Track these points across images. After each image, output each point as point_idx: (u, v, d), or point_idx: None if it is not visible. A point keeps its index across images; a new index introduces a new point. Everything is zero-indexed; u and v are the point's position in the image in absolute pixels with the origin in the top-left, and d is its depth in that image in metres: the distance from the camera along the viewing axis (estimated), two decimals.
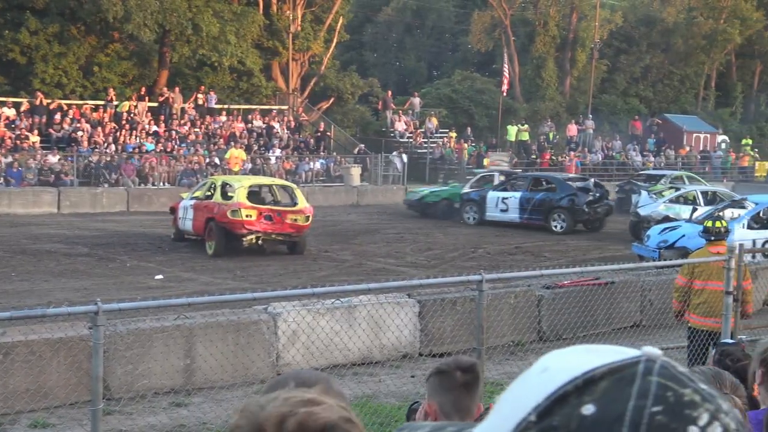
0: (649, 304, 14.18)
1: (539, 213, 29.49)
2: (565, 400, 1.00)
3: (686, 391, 1.00)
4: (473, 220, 30.51)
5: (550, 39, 58.93)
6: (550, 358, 1.10)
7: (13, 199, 30.71)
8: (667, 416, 0.97)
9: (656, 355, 1.04)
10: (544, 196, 29.78)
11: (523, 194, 29.92)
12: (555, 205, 29.43)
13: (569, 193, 29.31)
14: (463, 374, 3.51)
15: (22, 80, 41.73)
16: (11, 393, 8.78)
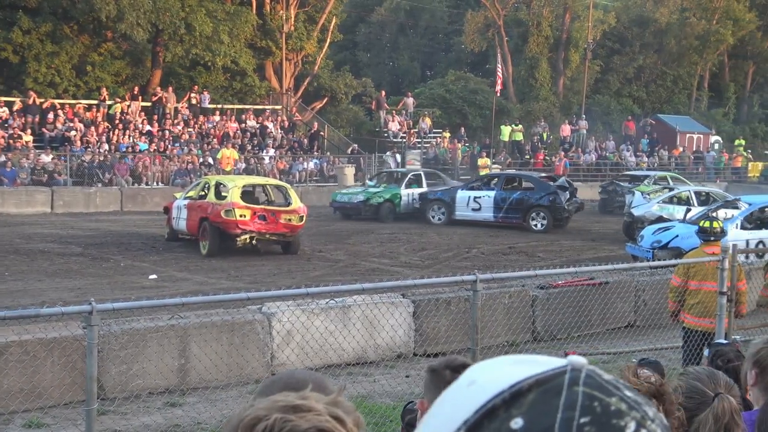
0: (643, 304, 14.20)
1: (516, 212, 29.56)
2: (494, 414, 1.00)
3: (612, 400, 0.99)
4: (440, 219, 30.42)
5: (544, 39, 59.00)
6: (476, 371, 1.09)
7: (6, 199, 30.65)
8: (594, 427, 0.96)
9: (581, 364, 1.04)
10: (521, 195, 29.83)
11: (497, 193, 29.95)
12: (534, 203, 29.50)
13: (549, 192, 29.42)
14: (452, 373, 3.50)
15: (14, 79, 41.66)
16: (5, 393, 8.76)
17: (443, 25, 71.79)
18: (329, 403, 1.38)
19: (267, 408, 1.34)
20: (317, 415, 1.34)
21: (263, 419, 1.32)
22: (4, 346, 8.88)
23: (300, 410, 1.34)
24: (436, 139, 48.45)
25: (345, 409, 1.39)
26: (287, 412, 1.33)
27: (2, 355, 8.83)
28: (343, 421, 1.36)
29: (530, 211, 29.45)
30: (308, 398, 1.37)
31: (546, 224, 29.16)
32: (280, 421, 1.32)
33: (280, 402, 1.36)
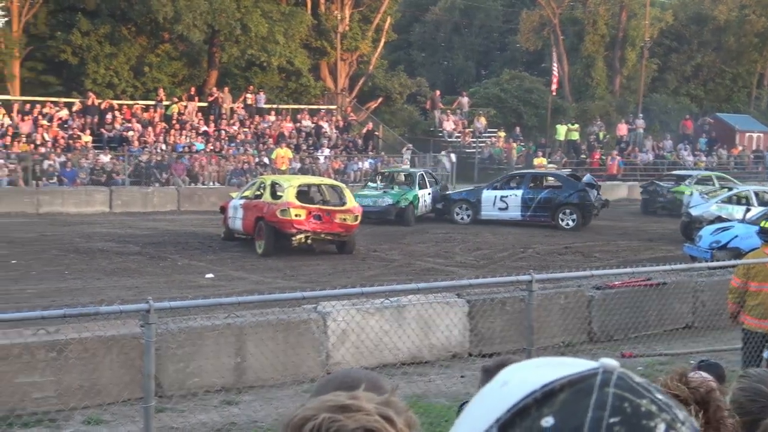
0: (702, 305, 14.01)
1: (545, 210, 29.49)
2: (526, 413, 1.03)
3: (643, 402, 1.01)
4: (466, 219, 30.30)
5: (600, 38, 58.51)
6: (509, 372, 1.12)
7: (66, 199, 31.09)
8: (624, 427, 0.98)
9: (613, 366, 1.06)
10: (549, 193, 29.79)
11: (525, 192, 29.92)
12: (563, 201, 29.43)
13: (578, 190, 29.30)
14: None
15: (74, 81, 42.31)
16: (65, 390, 8.89)
17: (498, 24, 71.48)
18: (380, 403, 1.38)
19: (316, 408, 1.35)
20: (366, 415, 1.34)
21: (311, 419, 1.33)
22: (64, 343, 9.00)
23: (349, 410, 1.34)
24: (491, 139, 48.27)
25: (396, 409, 1.38)
26: (335, 412, 1.33)
27: (62, 353, 8.95)
28: (392, 421, 1.36)
29: (559, 210, 29.39)
30: (358, 398, 1.37)
31: (575, 222, 29.11)
32: (328, 421, 1.32)
33: (329, 402, 1.36)
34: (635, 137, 51.43)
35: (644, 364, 11.70)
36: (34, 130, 35.35)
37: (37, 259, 20.01)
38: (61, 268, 18.81)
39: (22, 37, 40.72)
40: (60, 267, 19.00)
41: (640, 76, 55.98)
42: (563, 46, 58.32)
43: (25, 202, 30.36)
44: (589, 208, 29.32)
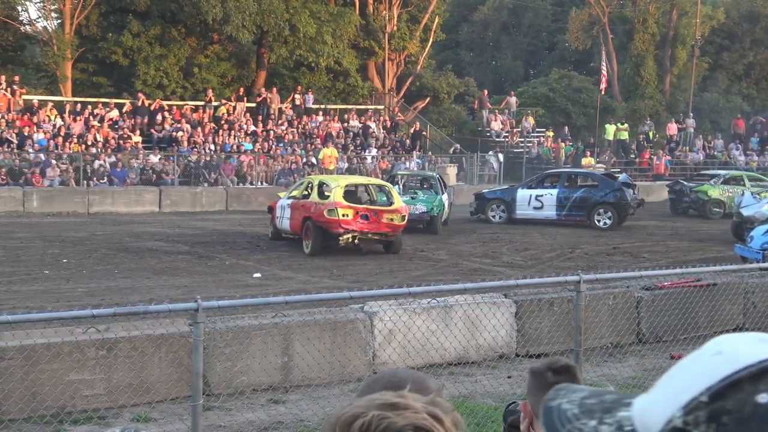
0: (753, 306, 13.83)
1: (581, 210, 29.36)
2: (739, 386, 1.02)
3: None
4: (500, 218, 30.18)
5: (650, 36, 57.96)
6: (723, 342, 1.11)
7: (117, 198, 31.45)
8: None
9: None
10: (585, 192, 29.64)
11: (560, 191, 29.80)
12: (599, 201, 29.25)
13: (614, 189, 29.09)
14: (554, 375, 3.45)
15: (124, 82, 42.76)
16: (115, 387, 8.99)
17: (547, 24, 71.16)
18: (427, 402, 1.39)
19: (365, 406, 1.36)
20: (414, 413, 1.34)
21: (360, 416, 1.34)
22: (113, 341, 9.09)
23: (397, 408, 1.35)
24: (539, 139, 48.04)
25: (443, 408, 1.39)
26: (385, 410, 1.34)
27: (112, 351, 9.05)
28: (440, 420, 1.36)
29: (595, 209, 29.21)
30: (406, 397, 1.38)
31: (612, 221, 28.95)
32: (377, 418, 1.33)
33: (377, 400, 1.37)
34: (685, 137, 50.90)
35: None
36: (85, 130, 35.80)
37: (87, 258, 20.25)
38: (111, 267, 19.02)
39: (73, 39, 41.24)
40: (110, 266, 19.21)
41: (691, 74, 55.38)
42: (612, 44, 57.87)
43: (76, 202, 30.76)
44: (625, 207, 29.12)
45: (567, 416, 1.20)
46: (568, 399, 1.22)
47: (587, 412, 1.18)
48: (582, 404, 1.20)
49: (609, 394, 1.22)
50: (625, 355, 12.10)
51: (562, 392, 1.24)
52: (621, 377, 10.82)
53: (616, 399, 1.19)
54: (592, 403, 1.19)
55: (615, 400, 1.19)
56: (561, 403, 1.21)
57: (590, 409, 1.18)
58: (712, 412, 1.02)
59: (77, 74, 42.73)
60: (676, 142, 50.19)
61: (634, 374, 11.17)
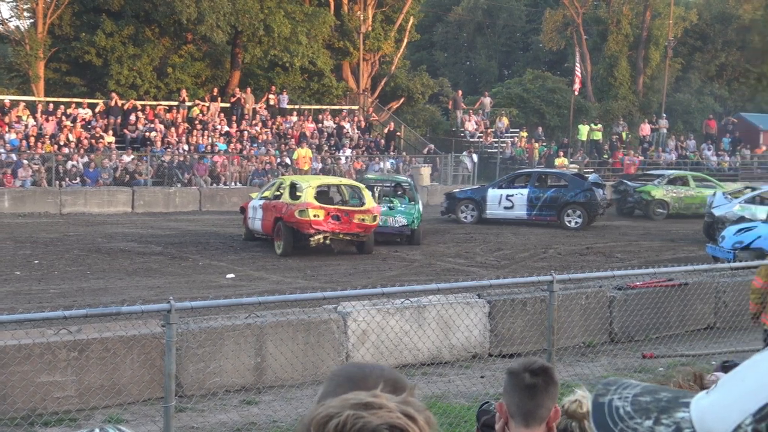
0: (724, 305, 13.93)
1: (551, 210, 29.41)
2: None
3: None
4: (470, 218, 30.11)
5: (623, 37, 58.24)
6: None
7: (89, 199, 31.29)
8: None
9: None
10: (555, 192, 29.71)
11: (531, 191, 29.82)
12: (569, 201, 29.35)
13: (584, 189, 29.24)
14: (531, 376, 3.46)
15: (97, 82, 42.54)
16: (86, 389, 8.94)
17: (521, 24, 71.39)
18: (401, 401, 1.39)
19: (339, 406, 1.36)
20: (389, 412, 1.34)
21: (335, 416, 1.33)
22: (85, 343, 9.05)
23: (372, 407, 1.35)
24: (513, 139, 48.17)
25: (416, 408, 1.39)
26: (359, 409, 1.34)
27: (84, 352, 9.01)
28: (414, 419, 1.36)
29: (565, 209, 29.31)
30: (380, 396, 1.38)
31: (582, 222, 29.05)
32: (352, 418, 1.33)
33: (351, 400, 1.37)
34: (658, 137, 51.19)
35: (665, 365, 11.65)
36: (57, 130, 35.58)
37: (59, 259, 20.14)
38: (83, 268, 18.92)
39: (46, 39, 40.97)
40: (82, 267, 19.11)
41: (664, 75, 55.71)
42: (586, 45, 58.12)
43: (48, 203, 30.58)
44: (595, 207, 29.28)
45: (620, 414, 1.15)
46: (620, 395, 1.17)
47: (642, 410, 1.13)
48: (636, 402, 1.14)
49: (664, 392, 1.16)
50: (598, 355, 12.16)
51: (613, 387, 1.19)
52: (593, 376, 10.87)
53: (672, 398, 1.14)
54: (647, 401, 1.14)
55: (671, 399, 1.13)
56: (612, 399, 1.16)
57: (645, 407, 1.13)
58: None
59: (50, 74, 42.46)
60: (649, 142, 50.45)
61: (606, 373, 11.23)
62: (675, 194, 33.48)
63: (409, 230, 24.28)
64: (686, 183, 34.28)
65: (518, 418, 3.42)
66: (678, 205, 33.37)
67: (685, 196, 33.59)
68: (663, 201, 33.30)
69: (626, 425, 1.12)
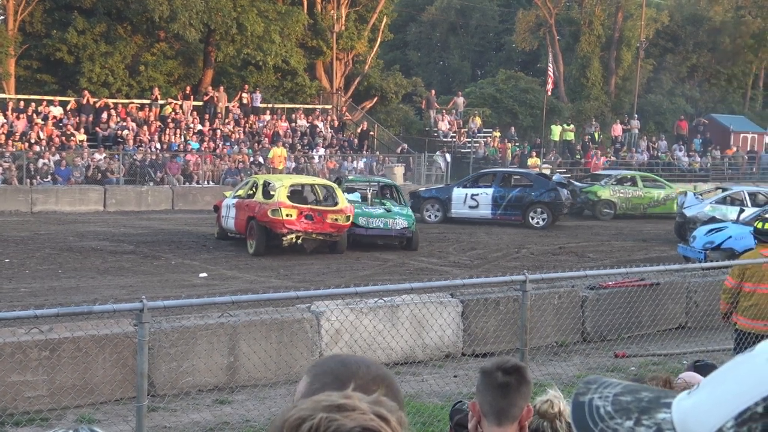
0: (695, 305, 14.03)
1: (516, 209, 29.48)
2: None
3: None
4: (435, 218, 30.16)
5: (596, 38, 58.54)
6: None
7: (60, 197, 31.08)
8: None
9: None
10: (520, 192, 29.84)
11: (495, 190, 29.86)
12: (534, 200, 29.46)
13: (549, 189, 29.39)
14: (503, 375, 3.48)
15: (69, 79, 42.24)
16: (58, 389, 8.88)
17: (494, 24, 71.56)
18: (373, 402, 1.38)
19: (311, 408, 1.35)
20: (362, 414, 1.34)
21: (308, 419, 1.33)
22: (57, 342, 9.00)
23: (344, 409, 1.34)
24: (486, 139, 48.28)
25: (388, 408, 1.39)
26: (332, 412, 1.33)
27: (55, 352, 8.95)
28: (387, 420, 1.36)
29: (530, 208, 29.45)
30: (352, 397, 1.38)
31: (546, 221, 29.20)
32: (326, 421, 1.32)
33: (323, 402, 1.36)
34: (630, 138, 51.48)
35: (637, 365, 11.72)
36: (28, 128, 35.33)
37: (30, 257, 19.99)
38: (54, 267, 18.80)
39: (17, 36, 40.65)
40: (53, 266, 18.99)
41: (636, 76, 56.06)
42: (559, 46, 58.36)
43: (19, 201, 30.35)
44: (560, 207, 29.49)
45: (600, 414, 1.13)
46: (600, 394, 1.15)
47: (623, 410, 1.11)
48: (616, 401, 1.13)
49: (645, 391, 1.14)
50: (570, 354, 12.21)
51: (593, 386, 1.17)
52: (566, 376, 10.92)
53: (653, 398, 1.12)
54: (628, 401, 1.12)
55: (652, 399, 1.12)
56: (593, 398, 1.15)
57: (626, 407, 1.11)
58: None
59: (21, 71, 42.13)
60: (621, 143, 50.74)
61: (578, 373, 11.27)
62: (622, 194, 33.69)
63: (410, 233, 23.33)
64: (635, 184, 34.49)
65: (491, 417, 3.43)
66: (625, 206, 33.57)
67: (633, 196, 33.82)
68: (610, 201, 33.48)
69: (606, 425, 1.11)
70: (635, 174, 36.50)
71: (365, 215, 23.07)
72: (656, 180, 35.91)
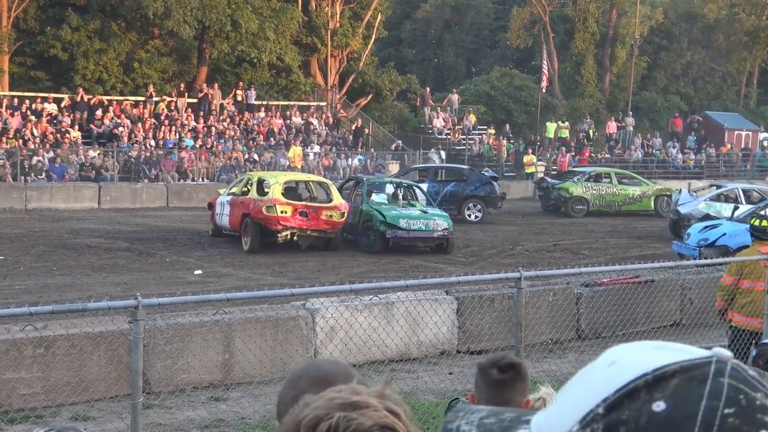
0: (689, 302, 14.05)
1: (451, 204, 29.21)
2: (635, 395, 1.00)
3: (758, 396, 1.00)
4: None
5: (590, 35, 58.56)
6: (617, 352, 1.09)
7: (55, 194, 31.02)
8: (739, 419, 0.97)
9: (727, 356, 1.04)
10: (455, 186, 29.99)
11: (430, 185, 29.61)
12: (470, 194, 29.66)
13: (483, 183, 29.58)
14: (499, 372, 3.49)
15: (63, 76, 42.15)
16: (53, 386, 8.87)
17: (489, 22, 71.56)
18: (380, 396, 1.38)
19: (325, 407, 1.34)
20: (376, 411, 1.34)
21: (325, 419, 1.32)
22: (51, 339, 8.98)
23: (359, 407, 1.33)
24: (481, 136, 48.28)
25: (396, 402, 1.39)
26: (347, 410, 1.33)
27: (50, 349, 8.94)
28: (398, 415, 1.36)
29: (465, 202, 29.62)
30: (361, 393, 1.37)
31: (481, 215, 29.44)
32: (344, 420, 1.31)
33: (336, 399, 1.35)
34: (625, 135, 51.51)
35: None
36: (22, 125, 35.26)
37: (25, 255, 19.97)
38: (49, 264, 18.78)
39: (11, 32, 40.54)
40: (48, 263, 18.97)
41: (630, 73, 56.07)
42: (553, 43, 58.37)
43: (13, 198, 30.28)
44: (495, 200, 29.74)
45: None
46: (467, 420, 1.18)
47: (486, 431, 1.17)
48: (481, 424, 1.17)
49: (508, 413, 1.19)
50: (565, 351, 12.22)
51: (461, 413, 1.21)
52: (561, 373, 10.93)
53: (514, 417, 1.17)
54: (491, 422, 1.17)
55: (514, 419, 1.16)
56: (460, 425, 1.18)
57: (489, 428, 1.15)
58: (608, 423, 1.00)
59: (15, 68, 42.01)
60: (616, 140, 50.77)
61: (573, 370, 11.22)
62: (595, 191, 33.60)
63: (450, 234, 22.35)
64: (609, 180, 34.47)
65: None
66: (599, 203, 33.47)
67: (606, 193, 33.73)
68: (582, 198, 33.37)
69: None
70: (611, 171, 36.43)
71: (405, 217, 22.10)
72: (633, 177, 35.80)
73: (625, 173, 36.82)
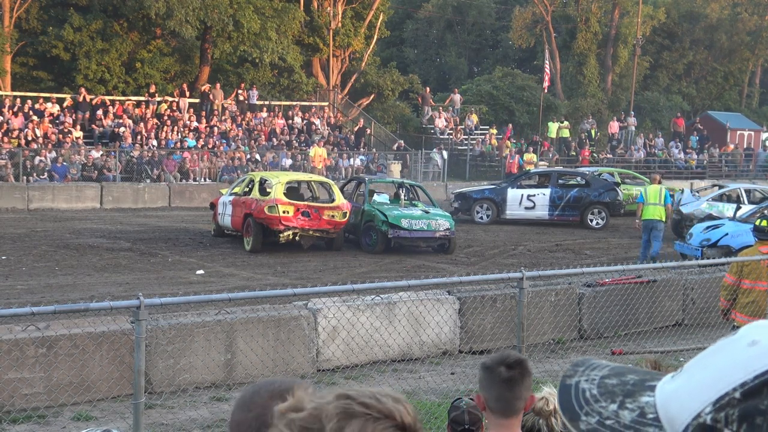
0: (692, 302, 14.04)
1: (574, 210, 29.08)
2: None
3: None
4: (486, 218, 29.37)
5: (592, 35, 58.54)
6: (760, 331, 1.02)
7: (57, 194, 31.03)
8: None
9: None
10: (579, 192, 29.35)
11: (553, 191, 29.36)
12: (594, 200, 29.10)
13: (608, 188, 29.15)
14: (507, 370, 3.52)
15: (65, 76, 42.21)
16: (55, 386, 8.87)
17: (491, 21, 71.53)
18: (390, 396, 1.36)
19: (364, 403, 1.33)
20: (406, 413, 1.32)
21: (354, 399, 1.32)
22: (54, 339, 8.99)
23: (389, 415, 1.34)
24: (483, 136, 48.27)
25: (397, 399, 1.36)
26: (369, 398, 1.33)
27: (52, 349, 8.94)
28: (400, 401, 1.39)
29: (589, 209, 29.08)
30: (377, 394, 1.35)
31: (605, 221, 28.90)
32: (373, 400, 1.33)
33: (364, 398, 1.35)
34: (627, 135, 51.49)
35: (634, 362, 11.72)
36: (25, 125, 35.27)
37: (27, 255, 19.97)
38: (51, 264, 18.78)
39: (13, 33, 40.59)
40: (50, 263, 18.97)
41: (632, 73, 56.06)
42: (555, 43, 58.38)
43: (15, 198, 30.28)
44: (618, 207, 29.21)
45: (586, 397, 1.11)
46: (587, 377, 1.14)
47: (608, 393, 1.10)
48: (602, 384, 1.11)
49: (631, 374, 1.13)
50: (567, 351, 12.21)
51: (581, 369, 1.16)
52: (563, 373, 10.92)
53: (638, 381, 1.10)
54: (613, 384, 1.11)
55: (637, 383, 1.10)
56: (579, 381, 1.13)
57: (611, 390, 1.09)
58: (744, 410, 0.93)
59: (17, 68, 42.07)
60: (618, 140, 50.75)
61: None
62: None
63: (452, 234, 22.33)
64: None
65: (497, 411, 3.52)
66: None
67: None
68: None
69: (591, 408, 1.10)
70: (614, 171, 36.34)
71: (407, 217, 22.02)
72: (636, 177, 35.72)
73: (628, 173, 36.78)
